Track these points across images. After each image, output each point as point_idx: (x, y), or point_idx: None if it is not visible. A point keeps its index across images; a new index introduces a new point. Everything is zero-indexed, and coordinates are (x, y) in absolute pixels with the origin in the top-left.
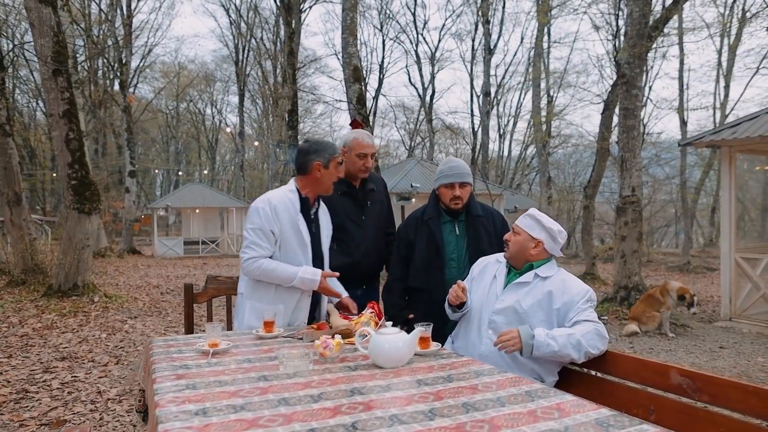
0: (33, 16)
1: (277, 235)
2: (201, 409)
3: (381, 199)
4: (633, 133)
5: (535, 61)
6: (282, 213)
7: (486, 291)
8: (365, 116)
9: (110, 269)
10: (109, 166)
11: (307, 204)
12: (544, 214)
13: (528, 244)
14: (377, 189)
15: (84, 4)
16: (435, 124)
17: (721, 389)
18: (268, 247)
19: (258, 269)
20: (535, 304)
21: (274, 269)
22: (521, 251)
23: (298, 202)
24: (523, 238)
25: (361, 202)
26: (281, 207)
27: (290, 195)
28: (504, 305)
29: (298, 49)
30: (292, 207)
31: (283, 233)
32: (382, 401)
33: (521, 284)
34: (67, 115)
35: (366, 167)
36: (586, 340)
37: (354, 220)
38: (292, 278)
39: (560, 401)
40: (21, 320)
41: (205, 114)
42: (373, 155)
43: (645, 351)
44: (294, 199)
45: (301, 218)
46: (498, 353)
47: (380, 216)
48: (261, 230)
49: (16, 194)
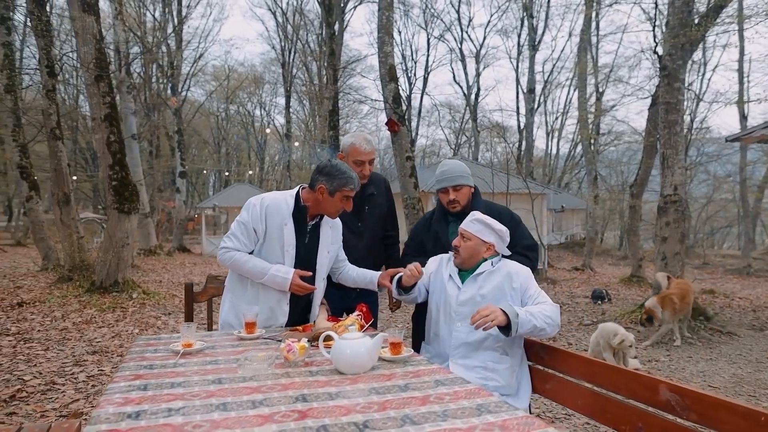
0: (77, 25)
1: (259, 234)
2: (136, 412)
3: (381, 202)
4: (675, 129)
5: (581, 55)
6: (272, 214)
7: (444, 287)
8: (401, 115)
9: (158, 266)
10: (163, 167)
11: (304, 213)
12: (488, 216)
13: (480, 248)
14: (378, 192)
15: (139, 12)
16: (480, 122)
17: (710, 408)
18: (246, 242)
19: (230, 259)
20: (496, 288)
21: (245, 261)
22: (473, 255)
23: (293, 207)
24: (474, 243)
25: (358, 208)
26: (273, 208)
27: (288, 199)
28: (467, 296)
29: (341, 50)
30: (285, 210)
31: (268, 233)
32: (320, 410)
33: (479, 275)
34: (108, 119)
35: (363, 174)
36: (553, 317)
37: (350, 227)
38: (264, 273)
39: (508, 418)
40: (63, 315)
41: (254, 115)
42: (371, 162)
43: (683, 359)
44: (290, 203)
45: (290, 223)
46: (470, 342)
47: (378, 220)
48: (245, 225)
49: (65, 195)
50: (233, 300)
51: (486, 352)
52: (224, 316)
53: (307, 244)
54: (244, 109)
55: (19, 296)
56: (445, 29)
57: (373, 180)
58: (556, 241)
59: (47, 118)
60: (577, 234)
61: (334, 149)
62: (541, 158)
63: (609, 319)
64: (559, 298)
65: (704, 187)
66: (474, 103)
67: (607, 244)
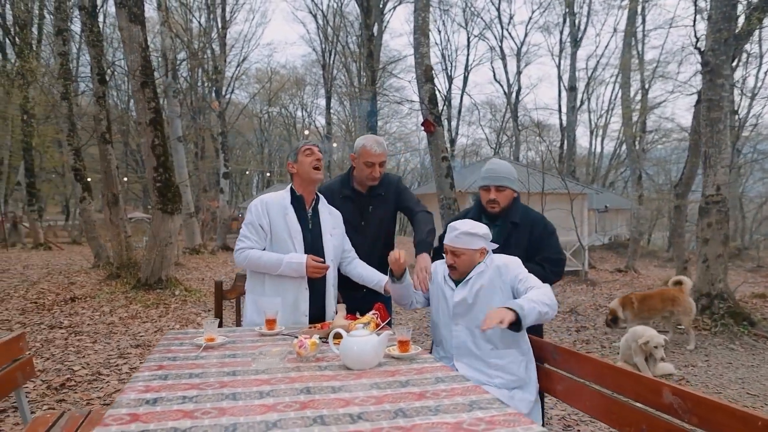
0: (125, 34)
1: (266, 228)
2: (154, 398)
3: (387, 203)
4: (718, 127)
5: (625, 51)
6: (273, 208)
7: (441, 291)
8: (437, 116)
9: (202, 265)
10: (208, 168)
11: (302, 201)
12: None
13: (474, 257)
14: (386, 192)
15: (186, 18)
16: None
17: (710, 412)
18: (257, 239)
19: (245, 258)
20: (488, 284)
21: (259, 257)
22: (470, 265)
23: (290, 198)
24: (467, 256)
25: (362, 208)
26: (272, 203)
27: (283, 194)
28: (460, 297)
29: (379, 51)
30: (282, 202)
31: (274, 227)
32: (321, 402)
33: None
34: (153, 123)
35: (373, 177)
36: (550, 298)
37: (353, 225)
38: (279, 263)
39: (496, 414)
40: (111, 310)
41: (295, 117)
42: (382, 164)
43: (722, 365)
44: (286, 196)
45: (291, 211)
46: (469, 342)
47: (382, 220)
48: (251, 225)
49: (114, 196)
50: (255, 300)
51: (487, 349)
52: (249, 317)
53: (311, 230)
54: (286, 111)
55: (72, 292)
56: (485, 27)
57: (383, 182)
58: (599, 241)
59: (98, 123)
60: (621, 235)
61: None
62: (584, 157)
63: (647, 322)
64: (596, 300)
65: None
66: (514, 101)
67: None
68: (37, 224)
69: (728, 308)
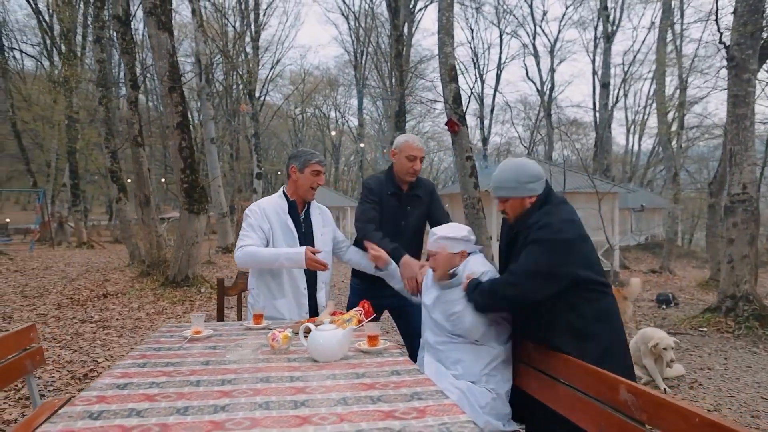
0: (153, 41)
1: (266, 231)
2: (125, 383)
3: (423, 205)
4: (744, 123)
5: (660, 46)
6: (271, 213)
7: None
8: (461, 116)
9: (232, 263)
10: (242, 169)
11: (295, 207)
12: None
13: (452, 259)
14: (423, 195)
15: (221, 23)
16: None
17: (657, 408)
18: (256, 238)
19: (244, 255)
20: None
21: (259, 251)
22: (449, 267)
23: (286, 204)
24: (442, 257)
25: (403, 207)
26: (270, 209)
27: (278, 199)
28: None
29: (409, 51)
30: (279, 209)
31: (274, 232)
32: (275, 389)
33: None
34: (181, 127)
35: (414, 170)
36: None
37: (395, 224)
38: (278, 256)
39: (431, 405)
40: (139, 306)
41: (329, 117)
42: (421, 159)
43: (741, 369)
44: (281, 202)
45: (289, 218)
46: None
47: (418, 220)
48: (251, 226)
49: (146, 196)
50: (257, 298)
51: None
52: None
53: (304, 233)
54: (319, 112)
55: (106, 288)
56: (518, 25)
57: (420, 183)
58: (635, 241)
59: (130, 127)
60: (659, 234)
61: None
62: (621, 155)
63: (668, 324)
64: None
65: None
66: (548, 99)
67: (697, 246)
68: (80, 224)
69: (753, 310)
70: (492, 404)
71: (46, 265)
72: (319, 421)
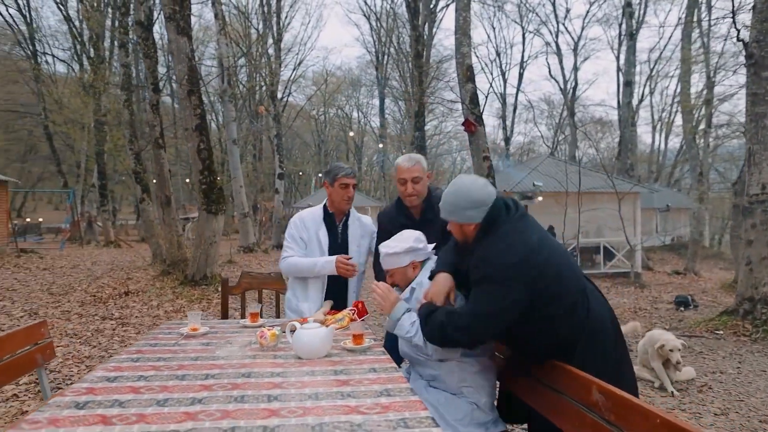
0: (173, 46)
1: (306, 240)
2: (116, 376)
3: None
4: (764, 122)
5: (684, 42)
6: (308, 223)
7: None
8: (478, 116)
9: (253, 263)
10: (266, 169)
11: (333, 217)
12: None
13: (407, 273)
14: (433, 218)
15: (244, 25)
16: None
17: (623, 408)
18: (297, 249)
19: (287, 265)
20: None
21: (299, 262)
22: (407, 281)
23: (322, 215)
24: (400, 274)
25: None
26: (308, 219)
27: (317, 210)
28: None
29: (429, 50)
30: (317, 219)
31: (309, 242)
32: (252, 384)
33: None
34: (199, 129)
35: (410, 194)
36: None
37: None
38: (314, 265)
39: (398, 401)
40: (159, 304)
41: (351, 117)
42: (415, 179)
43: (754, 373)
44: (319, 213)
45: (322, 228)
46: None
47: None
48: (292, 237)
49: (167, 197)
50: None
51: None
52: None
53: (340, 243)
54: (342, 112)
55: (128, 286)
56: (540, 23)
57: (431, 205)
58: (660, 242)
59: (152, 129)
60: (685, 235)
61: (418, 150)
62: (647, 154)
63: (684, 326)
64: (638, 304)
65: None
66: (571, 97)
67: (725, 247)
68: (108, 223)
69: None
70: (471, 415)
71: (73, 263)
72: (286, 414)
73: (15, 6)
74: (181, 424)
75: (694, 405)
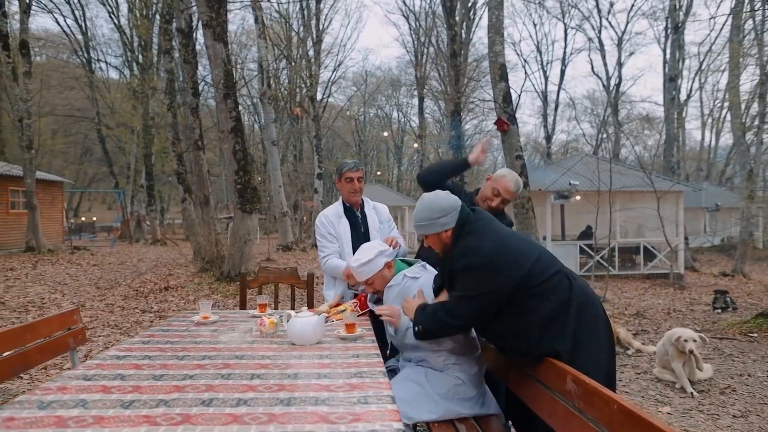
0: (210, 52)
1: (335, 234)
2: (124, 355)
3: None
4: None
5: (732, 34)
6: (332, 219)
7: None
8: (511, 114)
9: (291, 260)
10: (306, 169)
11: (351, 210)
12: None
13: (383, 275)
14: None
15: (285, 27)
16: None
17: (590, 396)
18: (331, 246)
19: (330, 267)
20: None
21: (338, 265)
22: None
23: (342, 208)
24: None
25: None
26: (331, 215)
27: (337, 206)
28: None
29: (467, 49)
30: (339, 213)
31: (337, 234)
32: (243, 365)
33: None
34: (234, 131)
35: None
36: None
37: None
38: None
39: (367, 381)
40: (195, 299)
41: (390, 117)
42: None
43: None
44: (339, 208)
45: (343, 220)
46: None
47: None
48: (323, 237)
49: (206, 197)
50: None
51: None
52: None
53: (363, 232)
54: (382, 112)
55: (168, 282)
56: (583, 19)
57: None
58: (708, 242)
59: (191, 132)
60: (736, 235)
61: (454, 149)
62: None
63: (718, 328)
64: (673, 305)
65: None
66: (614, 94)
67: None
68: (155, 222)
69: None
70: (455, 389)
71: (121, 260)
72: (262, 390)
73: (72, 17)
74: (169, 395)
75: (713, 406)
